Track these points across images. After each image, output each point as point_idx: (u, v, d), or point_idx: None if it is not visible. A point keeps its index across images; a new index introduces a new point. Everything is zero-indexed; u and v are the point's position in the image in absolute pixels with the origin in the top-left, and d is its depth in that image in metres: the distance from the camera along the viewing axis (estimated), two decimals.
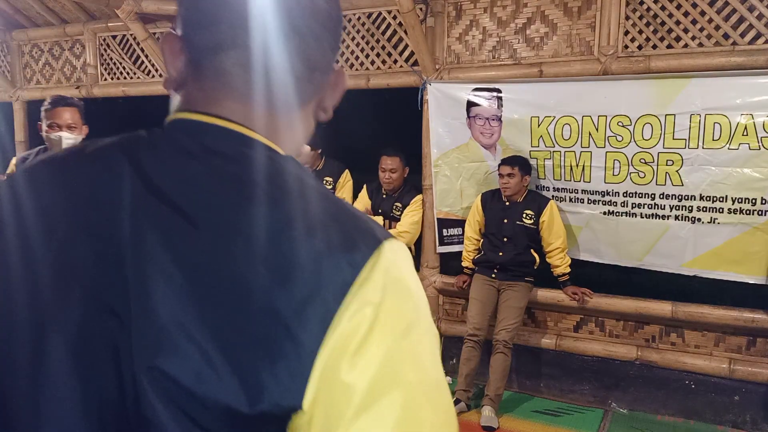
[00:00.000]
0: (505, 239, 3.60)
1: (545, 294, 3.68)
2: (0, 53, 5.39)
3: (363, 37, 4.04)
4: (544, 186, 3.73)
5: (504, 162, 3.58)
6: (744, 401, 3.35)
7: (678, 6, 3.25)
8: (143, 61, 4.80)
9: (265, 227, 0.51)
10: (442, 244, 4.01)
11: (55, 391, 0.52)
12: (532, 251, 3.60)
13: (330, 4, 0.61)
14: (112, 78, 4.96)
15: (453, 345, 4.01)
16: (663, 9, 3.28)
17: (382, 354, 0.48)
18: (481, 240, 3.76)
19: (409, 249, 4.04)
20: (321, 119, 0.68)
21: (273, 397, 0.47)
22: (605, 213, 3.56)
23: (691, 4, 3.22)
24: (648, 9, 3.31)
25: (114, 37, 4.88)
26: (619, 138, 3.40)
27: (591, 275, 3.80)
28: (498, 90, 3.68)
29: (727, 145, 3.14)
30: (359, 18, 4.03)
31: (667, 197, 3.36)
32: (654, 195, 3.39)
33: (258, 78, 0.58)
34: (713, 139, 3.18)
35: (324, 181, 4.20)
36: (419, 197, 4.03)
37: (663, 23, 3.29)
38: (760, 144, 3.08)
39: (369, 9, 3.98)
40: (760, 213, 3.15)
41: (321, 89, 0.65)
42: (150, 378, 0.49)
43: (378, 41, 4.00)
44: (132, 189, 0.54)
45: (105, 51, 4.95)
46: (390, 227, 4.08)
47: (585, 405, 3.64)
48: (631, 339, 3.61)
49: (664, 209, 3.39)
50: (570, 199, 3.66)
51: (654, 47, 3.32)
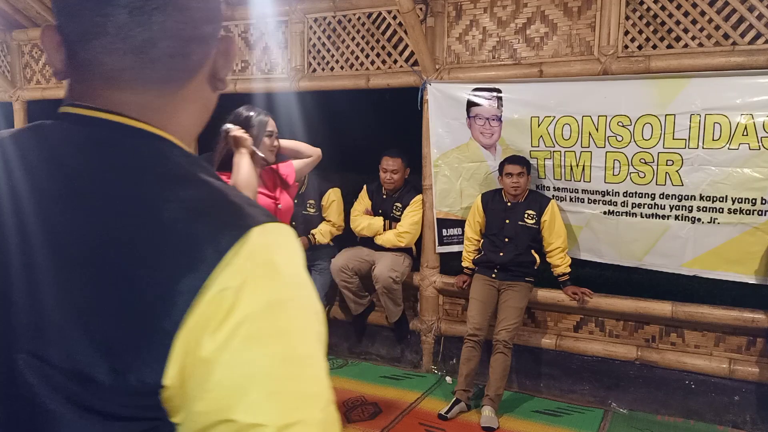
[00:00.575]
0: (507, 239, 3.60)
1: (545, 294, 3.68)
2: (0, 53, 5.39)
3: (363, 37, 4.04)
4: (544, 186, 3.73)
5: (512, 162, 3.54)
6: (744, 401, 3.35)
7: (678, 6, 3.25)
8: None
9: (135, 213, 0.53)
10: (441, 244, 4.01)
11: None
12: (532, 251, 3.60)
13: None
14: None
15: (453, 345, 4.01)
16: (663, 9, 3.28)
17: (241, 331, 0.50)
18: (481, 240, 3.76)
19: (410, 249, 4.06)
20: (219, 89, 0.68)
21: (137, 375, 0.50)
22: (605, 213, 3.56)
23: (691, 4, 3.22)
24: (648, 9, 3.31)
25: None
26: (619, 138, 3.40)
27: (591, 275, 3.80)
28: (498, 90, 3.68)
29: (727, 145, 3.14)
30: (359, 18, 4.03)
31: (667, 197, 3.36)
32: (654, 195, 3.39)
33: (128, 62, 0.58)
34: (713, 139, 3.18)
35: (307, 205, 4.05)
36: (419, 197, 4.03)
37: (663, 23, 3.29)
38: (760, 144, 3.08)
39: (369, 9, 3.98)
40: (760, 213, 3.15)
41: (203, 61, 0.64)
42: (24, 360, 0.52)
43: (378, 41, 4.00)
44: (19, 178, 0.57)
45: None
46: (390, 227, 4.09)
47: (585, 405, 3.64)
48: (631, 339, 3.61)
49: (664, 209, 3.39)
50: (570, 199, 3.66)
51: (654, 47, 3.33)
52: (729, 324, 3.32)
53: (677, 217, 3.36)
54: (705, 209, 3.28)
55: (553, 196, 3.70)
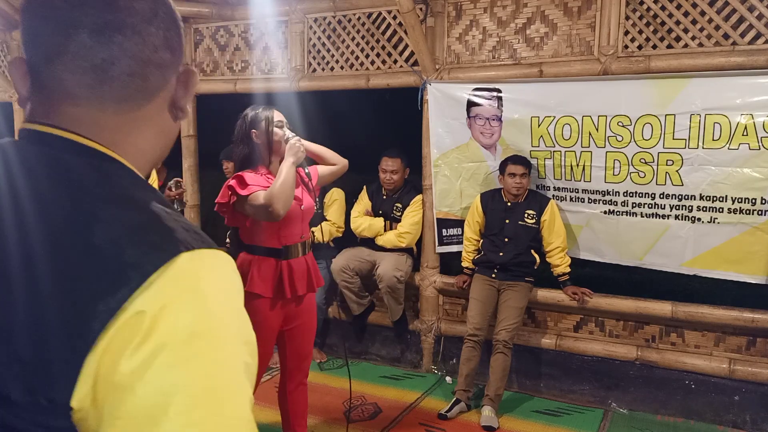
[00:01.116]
0: (507, 239, 3.60)
1: (545, 294, 3.68)
2: (0, 53, 5.39)
3: (363, 37, 4.04)
4: (544, 186, 3.73)
5: (515, 162, 3.53)
6: (744, 401, 3.35)
7: (678, 6, 3.25)
8: None
9: (66, 232, 0.53)
10: (441, 244, 4.01)
11: None
12: (532, 251, 3.60)
13: (153, 3, 0.64)
14: None
15: (453, 345, 4.01)
16: (663, 9, 3.28)
17: (157, 360, 0.49)
18: (481, 240, 3.76)
19: (411, 249, 4.06)
20: (179, 118, 0.70)
21: (46, 394, 0.50)
22: (605, 212, 3.56)
23: (691, 4, 3.22)
24: (648, 9, 3.31)
25: None
26: (619, 138, 3.40)
27: (591, 275, 3.80)
28: (498, 90, 3.68)
29: (727, 145, 3.14)
30: (359, 18, 4.03)
31: (667, 197, 3.36)
32: (654, 195, 3.39)
33: (88, 80, 0.61)
34: (713, 139, 3.18)
35: None
36: (419, 197, 4.03)
37: (663, 23, 3.29)
38: (760, 144, 3.08)
39: (369, 9, 3.98)
40: (760, 213, 3.15)
41: (162, 86, 0.66)
42: None
43: (378, 41, 4.00)
44: None
45: None
46: (391, 228, 4.09)
47: (585, 405, 3.64)
48: (631, 339, 3.61)
49: (664, 209, 3.39)
50: (570, 199, 3.67)
51: (654, 47, 3.33)
52: (729, 324, 3.32)
53: (677, 217, 3.36)
54: (705, 209, 3.28)
55: (553, 196, 3.70)
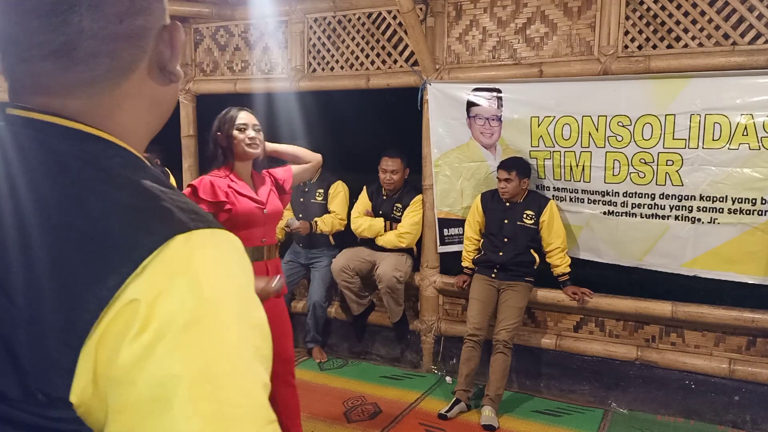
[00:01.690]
0: (506, 240, 3.60)
1: (545, 294, 3.68)
2: None
3: (363, 37, 4.04)
4: (544, 186, 3.73)
5: (501, 167, 3.58)
6: (744, 401, 3.35)
7: (678, 6, 3.25)
8: None
9: (51, 216, 0.50)
10: (443, 243, 4.01)
11: None
12: (532, 251, 3.60)
13: None
14: None
15: (453, 345, 4.01)
16: (663, 9, 3.28)
17: (157, 348, 0.46)
18: (481, 240, 3.76)
19: (411, 249, 4.06)
20: (172, 82, 0.63)
21: (43, 390, 0.48)
22: (605, 213, 3.56)
23: (691, 4, 3.22)
24: (648, 9, 3.31)
25: None
26: (619, 138, 3.40)
27: (591, 275, 3.80)
28: (498, 90, 3.68)
29: (727, 145, 3.14)
30: (359, 18, 4.04)
31: (667, 197, 3.36)
32: (654, 195, 3.39)
33: (48, 68, 0.55)
34: (713, 139, 3.18)
35: (316, 194, 4.22)
36: (419, 197, 4.03)
37: (663, 23, 3.29)
38: (760, 144, 3.08)
39: (369, 9, 3.98)
40: (760, 213, 3.15)
41: (138, 57, 0.59)
42: None
43: (378, 41, 4.00)
44: None
45: None
46: (391, 228, 4.09)
47: (585, 405, 3.64)
48: (631, 339, 3.61)
49: (664, 209, 3.39)
50: (570, 199, 3.66)
51: (654, 47, 3.33)
52: (729, 324, 3.32)
53: (677, 218, 3.36)
54: (705, 209, 3.28)
55: (553, 196, 3.70)
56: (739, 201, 3.18)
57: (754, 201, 3.15)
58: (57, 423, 0.49)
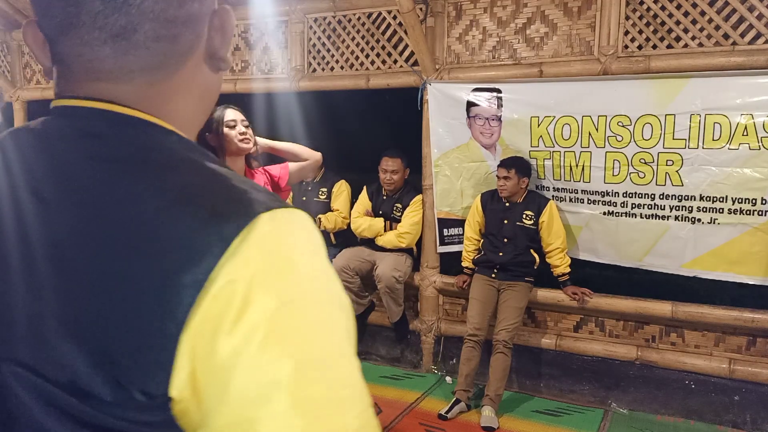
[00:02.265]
0: (506, 240, 3.60)
1: (545, 294, 3.68)
2: (0, 53, 5.39)
3: (363, 37, 4.04)
4: (543, 186, 3.73)
5: (500, 165, 3.59)
6: (744, 401, 3.35)
7: (678, 6, 3.25)
8: None
9: (127, 205, 0.48)
10: (443, 244, 4.01)
11: None
12: (531, 251, 3.60)
13: None
14: None
15: (453, 345, 4.01)
16: (663, 9, 3.28)
17: (258, 331, 0.44)
18: (481, 240, 3.76)
19: (411, 249, 4.06)
20: (222, 69, 0.62)
21: (140, 387, 0.45)
22: (605, 213, 3.56)
23: (691, 4, 3.22)
24: (648, 9, 3.31)
25: None
26: (619, 138, 3.40)
27: (591, 275, 3.80)
28: (498, 90, 3.68)
29: (727, 145, 3.14)
30: (359, 18, 4.03)
31: (667, 197, 3.36)
32: (654, 195, 3.39)
33: (108, 52, 0.53)
34: (713, 139, 3.18)
35: (319, 192, 4.25)
36: (419, 197, 4.03)
37: (663, 23, 3.29)
38: (760, 144, 3.07)
39: (369, 9, 3.98)
40: (760, 213, 3.15)
41: (195, 43, 0.57)
42: (12, 370, 0.48)
43: (378, 41, 4.00)
44: (3, 180, 0.54)
45: None
46: (391, 228, 4.09)
47: (585, 405, 3.64)
48: (631, 339, 3.61)
49: (664, 209, 3.39)
50: (570, 199, 3.66)
51: (654, 47, 3.33)
52: (729, 324, 3.32)
53: (677, 218, 3.36)
54: (705, 209, 3.28)
55: (553, 196, 3.70)
56: (739, 201, 3.18)
57: (754, 201, 3.15)
58: (143, 428, 0.46)
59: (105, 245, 0.47)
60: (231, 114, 2.41)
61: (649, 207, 3.42)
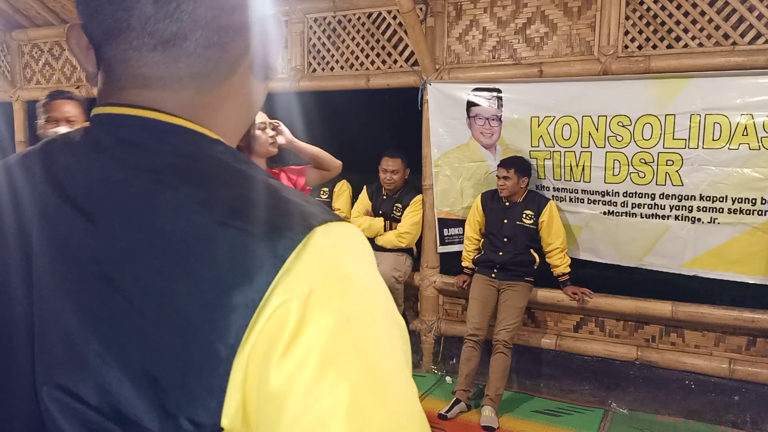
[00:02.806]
0: (505, 239, 3.60)
1: (545, 294, 3.68)
2: (0, 53, 5.39)
3: (363, 37, 4.04)
4: (544, 186, 3.73)
5: (500, 164, 3.60)
6: (744, 401, 3.35)
7: (678, 6, 3.25)
8: None
9: (173, 219, 0.46)
10: (443, 243, 4.01)
11: None
12: (531, 251, 3.60)
13: None
14: None
15: (453, 345, 4.01)
16: (663, 9, 3.28)
17: (314, 353, 0.41)
18: (482, 240, 3.76)
19: (410, 249, 4.06)
20: (269, 78, 0.60)
21: (189, 415, 0.42)
22: (605, 213, 3.56)
23: (691, 4, 3.22)
24: (648, 9, 3.31)
25: None
26: (619, 138, 3.40)
27: (591, 275, 3.80)
28: (498, 90, 3.68)
29: (727, 145, 3.14)
30: (359, 18, 4.03)
31: (667, 197, 3.36)
32: (654, 195, 3.39)
33: (158, 58, 0.52)
34: (713, 139, 3.18)
35: (321, 192, 4.24)
36: (419, 197, 4.03)
37: (663, 23, 3.29)
38: (760, 144, 3.08)
39: (369, 9, 3.98)
40: (760, 213, 3.15)
41: (245, 51, 0.56)
42: (53, 397, 0.45)
43: (378, 41, 4.00)
44: (40, 193, 0.51)
45: None
46: (391, 228, 4.09)
47: (585, 405, 3.64)
48: (631, 339, 3.61)
49: (664, 209, 3.39)
50: (570, 199, 3.66)
51: (654, 47, 3.33)
52: (729, 324, 3.32)
53: (677, 218, 3.36)
54: (705, 209, 3.28)
55: (553, 196, 3.70)
56: (739, 201, 3.18)
57: (754, 201, 3.15)
58: None
59: (150, 262, 0.45)
60: (261, 117, 2.47)
61: (649, 207, 3.42)
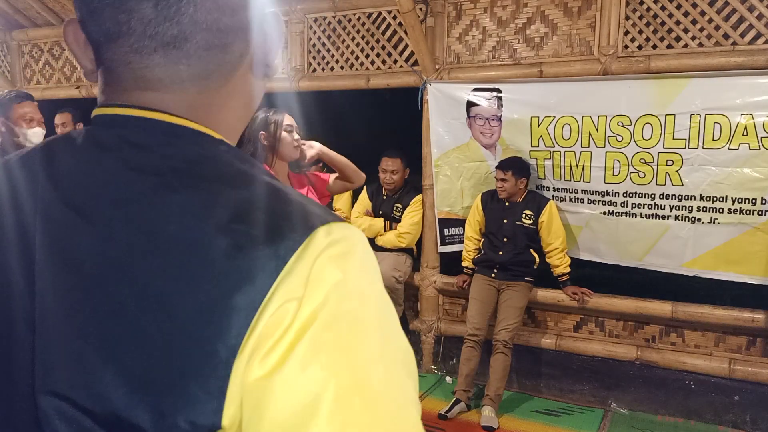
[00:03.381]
0: (505, 239, 3.60)
1: (545, 294, 3.68)
2: (0, 53, 5.39)
3: (363, 37, 4.04)
4: (544, 186, 3.73)
5: (498, 167, 3.60)
6: (744, 401, 3.35)
7: (678, 6, 3.25)
8: None
9: (175, 221, 0.46)
10: (443, 243, 4.01)
11: None
12: (531, 251, 3.60)
13: None
14: None
15: (453, 345, 4.01)
16: (663, 9, 3.28)
17: (300, 348, 0.41)
18: (482, 240, 3.76)
19: (411, 249, 4.06)
20: (269, 76, 0.60)
21: (187, 416, 0.42)
22: (605, 213, 3.56)
23: (691, 4, 3.22)
24: (648, 9, 3.31)
25: None
26: (619, 138, 3.40)
27: (591, 275, 3.80)
28: (498, 90, 3.67)
29: (727, 145, 3.14)
30: (359, 18, 4.03)
31: (667, 197, 3.36)
32: (654, 195, 3.39)
33: (159, 59, 0.51)
34: (713, 139, 3.18)
35: None
36: (419, 198, 4.03)
37: (663, 23, 3.29)
38: (760, 144, 3.07)
39: (369, 9, 3.98)
40: (760, 213, 3.15)
41: (246, 51, 0.56)
42: (49, 402, 0.45)
43: (378, 41, 4.00)
44: (42, 193, 0.51)
45: None
46: (391, 228, 4.09)
47: (585, 405, 3.64)
48: (631, 339, 3.61)
49: (664, 209, 3.39)
50: (570, 199, 3.66)
51: (654, 47, 3.32)
52: (729, 324, 3.32)
53: (677, 218, 3.36)
54: (705, 209, 3.28)
55: (553, 196, 3.70)
56: (739, 201, 3.18)
57: (754, 201, 3.15)
58: None
59: (150, 264, 0.45)
60: (289, 119, 2.51)
61: (649, 207, 3.42)
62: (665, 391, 3.51)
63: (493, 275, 3.61)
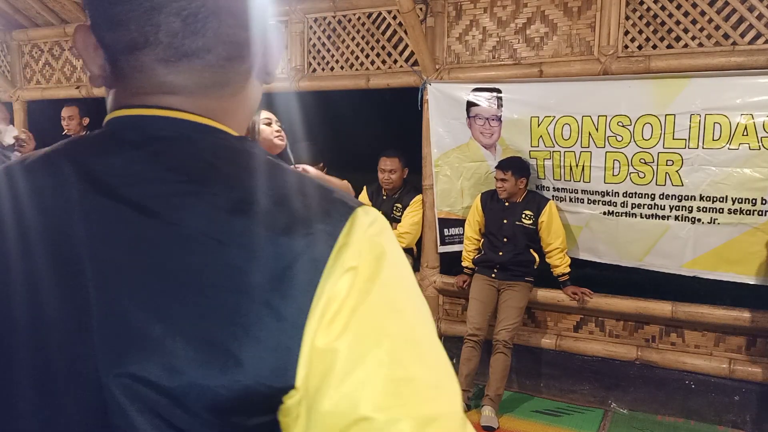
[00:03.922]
0: (505, 239, 3.60)
1: (545, 294, 3.68)
2: (0, 53, 5.39)
3: (363, 37, 4.04)
4: (543, 186, 3.73)
5: (497, 167, 3.59)
6: (744, 401, 3.35)
7: (678, 6, 3.25)
8: None
9: (226, 206, 0.49)
10: (443, 243, 4.01)
11: (15, 417, 0.50)
12: (531, 251, 3.60)
13: None
14: None
15: (453, 345, 4.00)
16: (663, 9, 3.28)
17: (361, 315, 0.47)
18: (482, 240, 3.76)
19: (411, 249, 4.06)
20: (268, 82, 0.66)
21: (262, 379, 0.45)
22: (605, 213, 3.56)
23: (691, 4, 3.22)
24: (648, 9, 3.31)
25: None
26: (619, 138, 3.40)
27: (591, 275, 3.80)
28: (498, 90, 3.67)
29: (727, 145, 3.14)
30: (359, 18, 4.03)
31: (667, 197, 3.36)
32: (654, 195, 3.39)
33: (183, 68, 0.55)
34: (713, 139, 3.18)
35: None
36: (419, 197, 4.03)
37: (663, 23, 3.29)
38: (760, 144, 3.07)
39: (369, 9, 3.98)
40: (760, 213, 3.15)
41: (257, 59, 0.61)
42: (119, 384, 0.47)
43: (378, 41, 4.00)
44: (79, 191, 0.52)
45: None
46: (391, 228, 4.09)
47: (585, 405, 3.64)
48: (631, 339, 3.61)
49: (664, 209, 3.39)
50: (570, 199, 3.66)
51: (654, 47, 3.33)
52: (729, 324, 3.32)
53: (677, 218, 3.36)
54: (705, 209, 3.28)
55: (553, 196, 3.70)
56: (739, 201, 3.18)
57: (754, 201, 3.15)
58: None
59: (207, 248, 0.48)
60: (266, 113, 2.55)
61: (649, 207, 3.42)
62: (665, 391, 3.51)
63: (493, 275, 3.61)
